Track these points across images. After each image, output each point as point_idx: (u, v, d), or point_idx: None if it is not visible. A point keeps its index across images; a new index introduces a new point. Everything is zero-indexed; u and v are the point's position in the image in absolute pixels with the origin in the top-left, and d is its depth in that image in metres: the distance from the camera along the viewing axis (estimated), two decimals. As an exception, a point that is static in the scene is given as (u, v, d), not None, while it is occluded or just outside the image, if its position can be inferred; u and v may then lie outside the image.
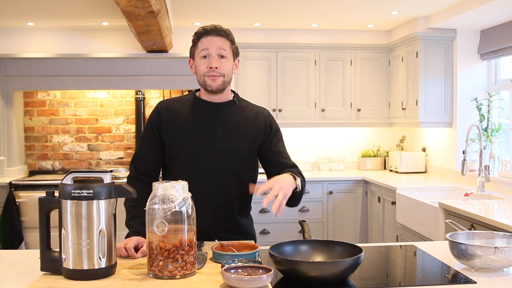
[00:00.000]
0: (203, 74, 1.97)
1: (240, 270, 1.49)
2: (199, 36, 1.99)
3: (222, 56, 1.97)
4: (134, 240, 1.80)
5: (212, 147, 1.98)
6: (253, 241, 2.03)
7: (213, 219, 1.97)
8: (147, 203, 1.54)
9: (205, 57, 1.96)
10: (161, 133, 2.01)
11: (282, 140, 2.11)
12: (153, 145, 2.03)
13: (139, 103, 5.34)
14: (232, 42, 2.01)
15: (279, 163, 2.03)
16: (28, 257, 1.81)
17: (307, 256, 1.68)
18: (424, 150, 5.15)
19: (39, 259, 1.58)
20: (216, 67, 1.94)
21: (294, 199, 1.90)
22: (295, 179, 1.86)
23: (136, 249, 1.78)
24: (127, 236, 1.88)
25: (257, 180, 2.11)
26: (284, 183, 1.79)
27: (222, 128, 2.00)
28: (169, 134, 2.01)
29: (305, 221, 1.89)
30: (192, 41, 2.02)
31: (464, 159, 3.73)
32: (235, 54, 2.04)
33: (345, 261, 1.50)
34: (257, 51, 5.05)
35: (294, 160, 2.08)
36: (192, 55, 2.03)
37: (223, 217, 2.01)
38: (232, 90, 2.11)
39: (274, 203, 1.69)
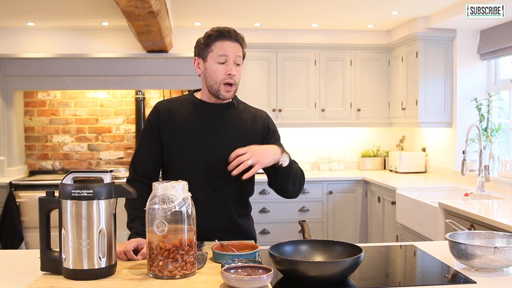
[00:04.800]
0: (220, 80, 1.94)
1: (240, 270, 1.49)
2: (215, 38, 1.94)
3: (237, 63, 1.96)
4: (133, 242, 1.78)
5: (211, 148, 1.98)
6: (253, 241, 2.03)
7: (212, 220, 1.97)
8: (147, 203, 1.54)
9: (222, 62, 1.94)
10: (160, 133, 2.01)
11: (280, 141, 2.10)
12: (153, 146, 2.02)
13: (139, 103, 5.34)
14: (243, 47, 2.00)
15: None
16: (28, 257, 1.81)
17: (307, 256, 1.68)
18: (424, 150, 5.16)
19: (39, 259, 1.58)
20: (234, 75, 1.94)
21: (278, 176, 1.91)
22: (282, 152, 1.87)
23: (137, 250, 1.77)
24: (129, 238, 1.88)
25: (255, 181, 2.11)
26: (260, 151, 1.82)
27: (220, 129, 2.00)
28: (168, 134, 2.00)
29: (305, 221, 1.89)
30: (206, 42, 1.96)
31: (464, 159, 3.73)
32: (244, 59, 2.03)
33: (345, 261, 1.51)
34: (257, 51, 5.05)
35: (294, 160, 2.07)
36: (203, 56, 1.98)
37: (222, 218, 2.01)
38: None
39: (239, 167, 1.75)
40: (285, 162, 1.88)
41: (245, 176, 1.81)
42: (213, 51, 1.94)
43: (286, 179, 1.94)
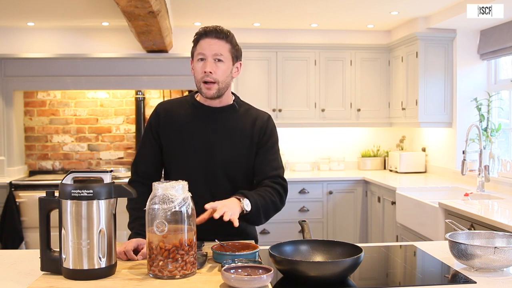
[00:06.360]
0: (198, 79, 1.93)
1: (240, 270, 1.49)
2: (198, 37, 1.95)
3: (218, 60, 1.91)
4: (133, 242, 1.78)
5: (209, 152, 1.96)
6: (254, 241, 2.03)
7: (211, 223, 1.95)
8: (147, 203, 1.54)
9: (201, 59, 1.92)
10: (160, 135, 2.00)
11: (276, 147, 2.05)
12: (153, 148, 2.02)
13: (139, 103, 5.34)
14: (232, 45, 1.96)
15: (259, 171, 1.99)
16: (28, 257, 1.81)
17: (307, 256, 1.68)
18: (424, 150, 5.15)
19: (39, 259, 1.58)
20: (211, 72, 1.90)
21: (249, 221, 1.88)
22: (240, 201, 1.80)
23: (137, 250, 1.77)
24: (129, 238, 1.88)
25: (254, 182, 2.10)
26: (229, 203, 1.76)
27: (219, 133, 1.98)
28: (167, 137, 2.00)
29: (305, 221, 1.89)
30: (193, 42, 1.98)
31: (464, 159, 3.73)
32: (235, 57, 1.99)
33: (345, 261, 1.51)
34: (257, 51, 5.05)
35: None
36: (192, 56, 2.00)
37: (221, 220, 1.99)
38: (233, 93, 2.07)
39: (225, 216, 1.68)
40: (247, 207, 1.82)
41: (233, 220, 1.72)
42: (196, 50, 1.95)
43: (257, 219, 1.91)
